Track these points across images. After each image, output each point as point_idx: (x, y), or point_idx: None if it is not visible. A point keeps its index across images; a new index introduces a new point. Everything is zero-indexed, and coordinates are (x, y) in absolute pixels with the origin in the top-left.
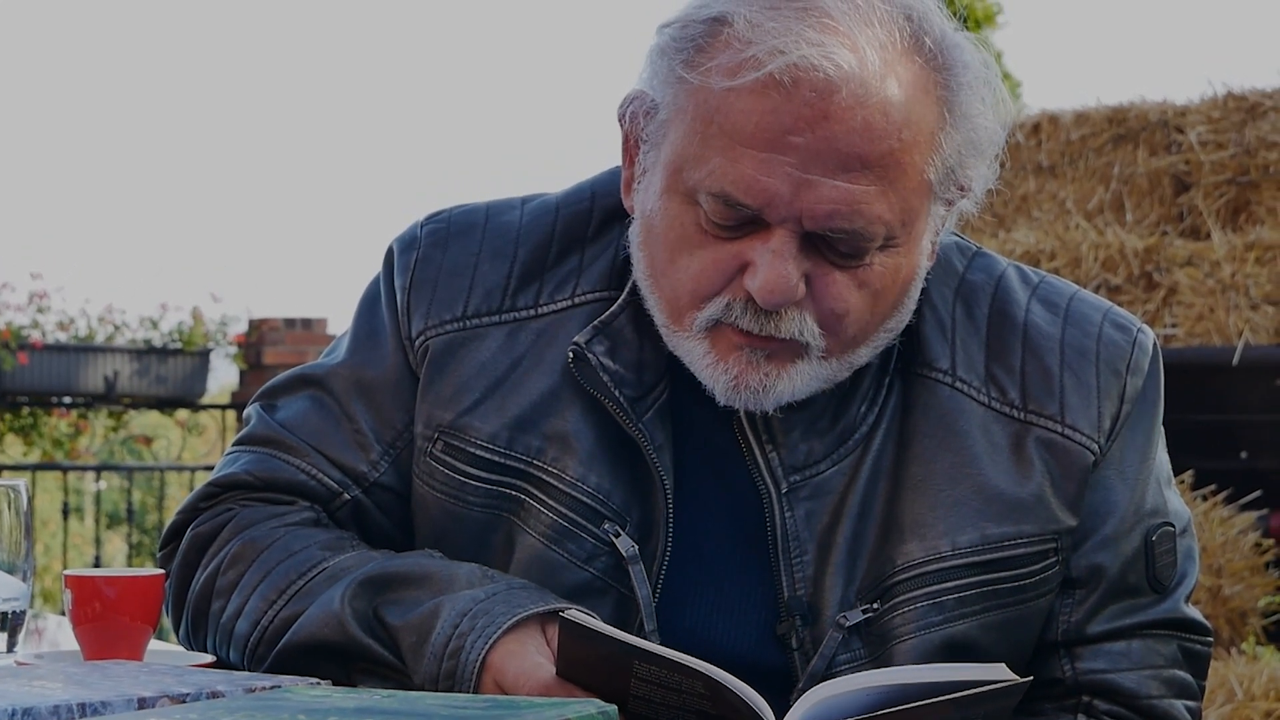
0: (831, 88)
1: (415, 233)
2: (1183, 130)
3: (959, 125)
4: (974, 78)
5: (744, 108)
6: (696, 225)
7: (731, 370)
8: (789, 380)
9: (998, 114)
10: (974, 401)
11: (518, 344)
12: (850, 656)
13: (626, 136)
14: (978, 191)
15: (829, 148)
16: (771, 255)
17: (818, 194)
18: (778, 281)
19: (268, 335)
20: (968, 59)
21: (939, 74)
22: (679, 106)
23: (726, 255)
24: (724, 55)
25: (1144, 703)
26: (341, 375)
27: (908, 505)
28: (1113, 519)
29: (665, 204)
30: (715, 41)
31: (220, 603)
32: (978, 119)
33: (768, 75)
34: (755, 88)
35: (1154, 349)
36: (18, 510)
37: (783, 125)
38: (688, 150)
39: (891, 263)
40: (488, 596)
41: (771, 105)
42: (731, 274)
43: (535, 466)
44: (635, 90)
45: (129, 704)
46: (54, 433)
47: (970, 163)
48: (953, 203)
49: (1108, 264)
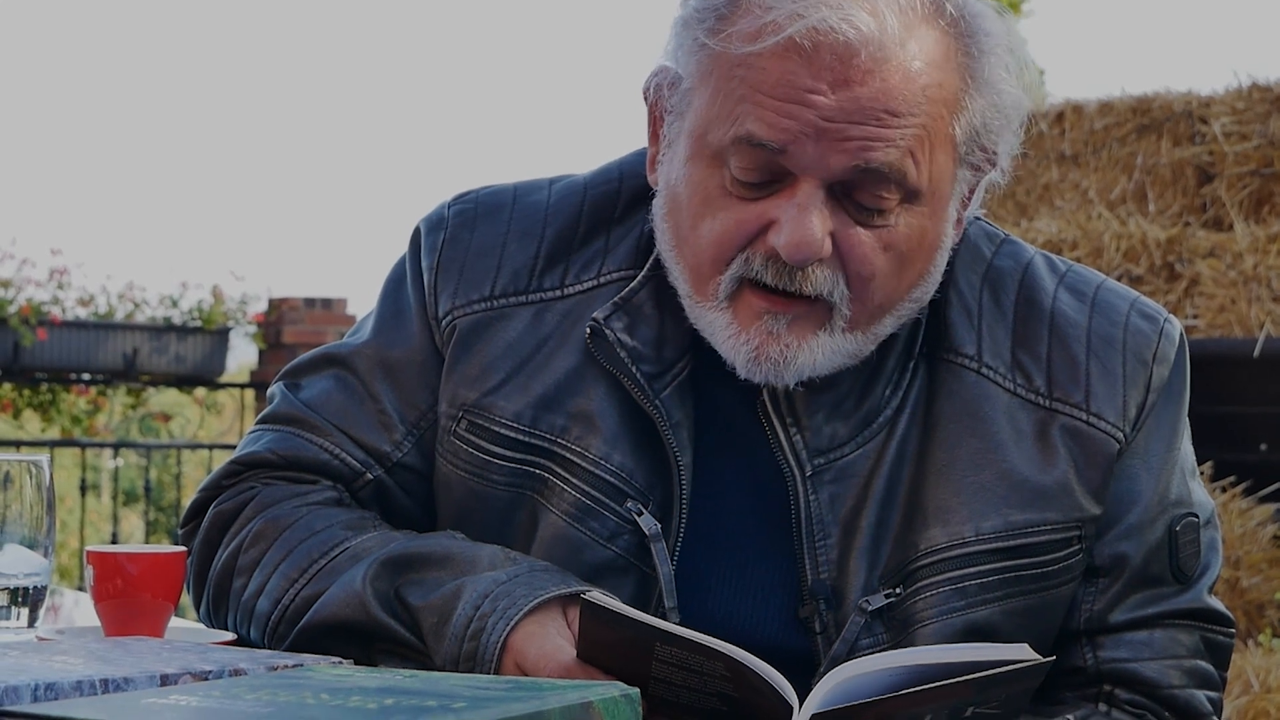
0: (851, 51)
1: (443, 213)
2: (1207, 121)
3: (982, 90)
4: (997, 44)
5: (766, 67)
6: (721, 188)
7: (753, 340)
8: (809, 352)
9: (1022, 81)
10: (999, 388)
11: (544, 324)
12: (872, 641)
13: (651, 111)
14: (1004, 162)
15: (854, 105)
16: (796, 209)
17: (844, 134)
18: (804, 235)
19: (287, 314)
20: (990, 26)
21: (960, 40)
22: (703, 73)
23: (751, 215)
24: (744, 21)
25: (1165, 693)
26: (366, 355)
27: (931, 490)
28: (1137, 508)
29: (691, 170)
30: (736, 8)
31: (241, 581)
32: (1001, 85)
33: (788, 39)
34: (776, 51)
35: (1180, 339)
36: (40, 485)
37: (804, 85)
38: (711, 111)
39: (917, 224)
40: (509, 578)
41: (792, 67)
42: (755, 232)
43: (559, 445)
44: (659, 65)
45: (152, 680)
46: (73, 409)
47: (995, 127)
48: (979, 169)
49: (1130, 254)
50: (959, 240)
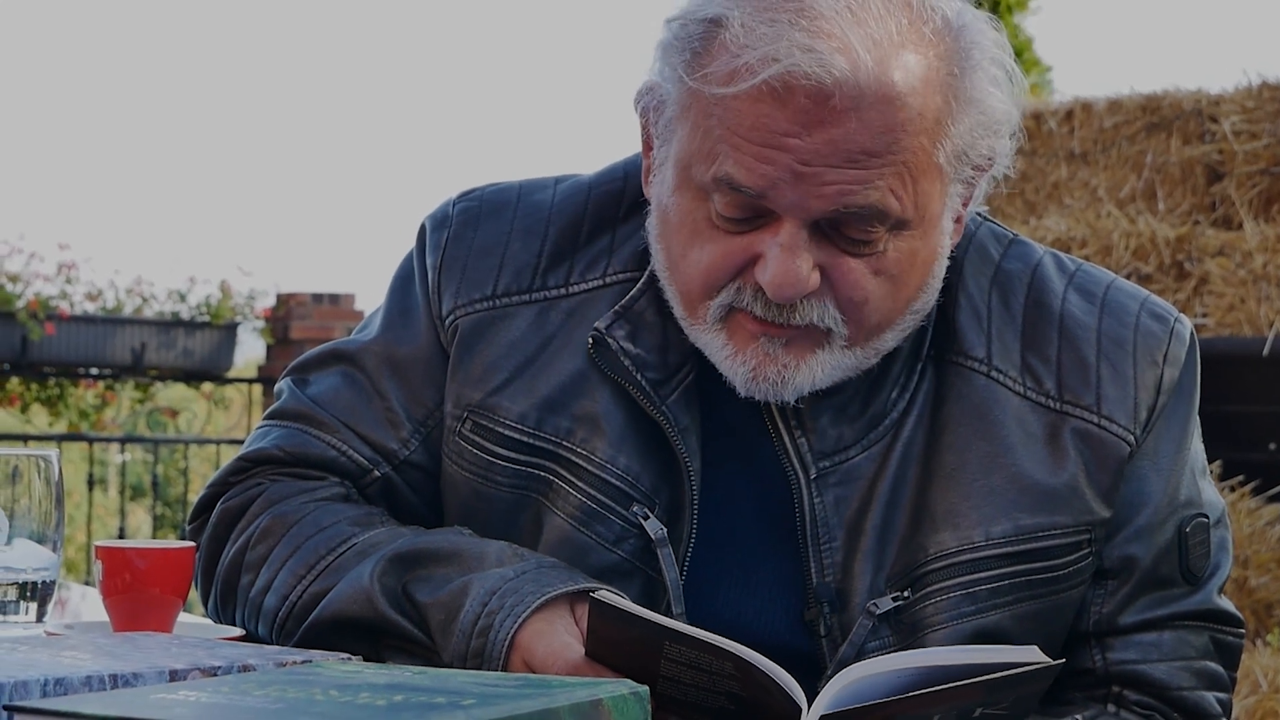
0: (824, 94)
1: (447, 210)
2: (1216, 119)
3: (967, 109)
4: (983, 56)
5: (741, 110)
6: (707, 219)
7: (749, 362)
8: (808, 370)
9: (1010, 91)
10: (1009, 391)
11: (548, 323)
12: (880, 644)
13: (643, 127)
14: (1003, 161)
15: (829, 148)
16: (780, 249)
17: (823, 178)
18: (787, 275)
19: (295, 310)
20: (975, 38)
21: (943, 60)
22: (684, 106)
23: (736, 248)
24: (719, 62)
25: (1174, 694)
26: (374, 352)
27: (940, 494)
28: (1147, 510)
29: (678, 199)
30: (712, 46)
31: (249, 577)
32: (988, 100)
33: (762, 83)
34: (751, 95)
35: (1191, 339)
36: (48, 480)
37: (779, 129)
38: (693, 148)
39: (907, 247)
40: (517, 575)
41: (767, 110)
42: (741, 265)
43: (564, 447)
44: (648, 82)
45: (161, 676)
46: (80, 403)
47: (984, 142)
48: (972, 181)
49: (1139, 252)
50: (965, 241)
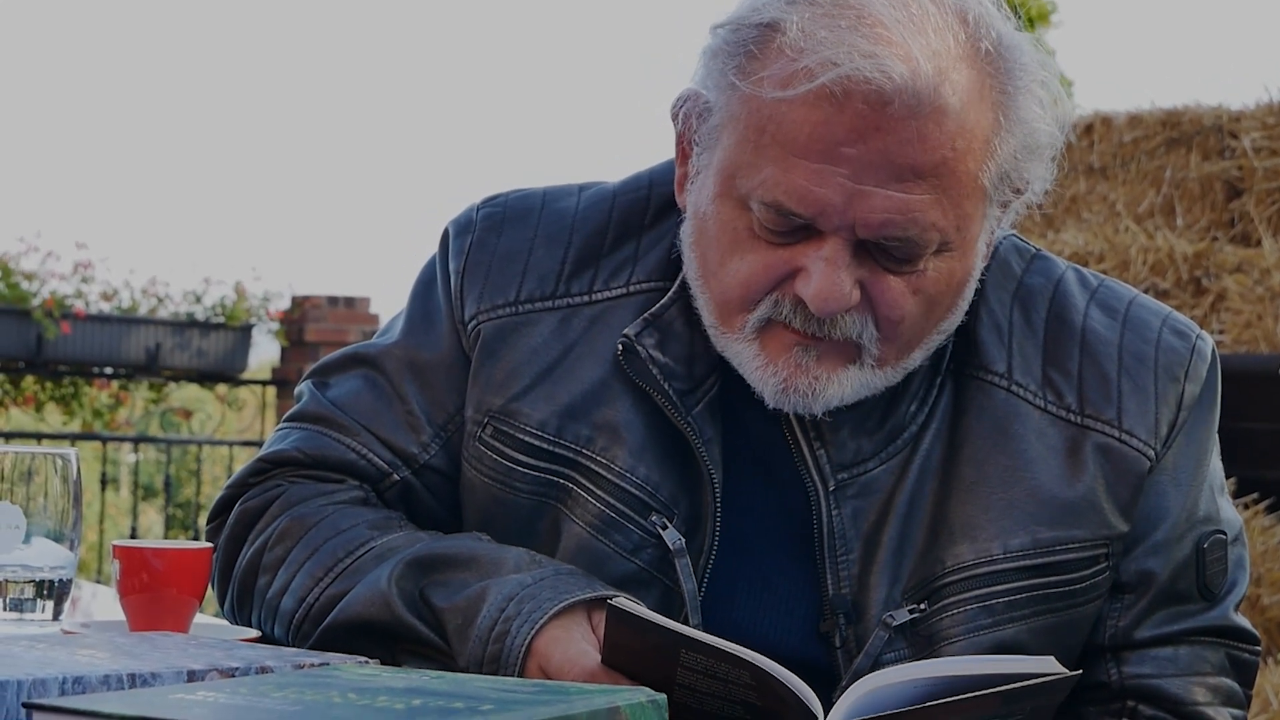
0: (884, 99)
1: (471, 216)
2: (1236, 136)
3: (1015, 129)
4: (1031, 79)
5: (796, 118)
6: (748, 230)
7: (781, 373)
8: (839, 385)
9: (1055, 114)
10: (1030, 405)
11: (570, 330)
12: (895, 656)
13: (680, 136)
14: (1036, 188)
15: (882, 159)
16: (824, 263)
17: (870, 204)
18: (831, 290)
19: (310, 312)
20: (1025, 60)
21: (995, 79)
22: (732, 113)
23: (778, 260)
24: (776, 65)
25: (1189, 709)
26: (395, 355)
27: (958, 506)
28: (1165, 525)
29: (718, 208)
30: (768, 49)
31: (266, 578)
32: (1034, 122)
33: (820, 87)
34: (808, 99)
35: (1212, 355)
36: (66, 478)
37: (835, 137)
38: (740, 158)
39: (945, 267)
40: (534, 581)
41: (824, 116)
42: (782, 277)
43: (584, 455)
44: (689, 90)
45: (178, 676)
46: (94, 403)
47: (1026, 165)
48: (1008, 204)
49: (1156, 268)
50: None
